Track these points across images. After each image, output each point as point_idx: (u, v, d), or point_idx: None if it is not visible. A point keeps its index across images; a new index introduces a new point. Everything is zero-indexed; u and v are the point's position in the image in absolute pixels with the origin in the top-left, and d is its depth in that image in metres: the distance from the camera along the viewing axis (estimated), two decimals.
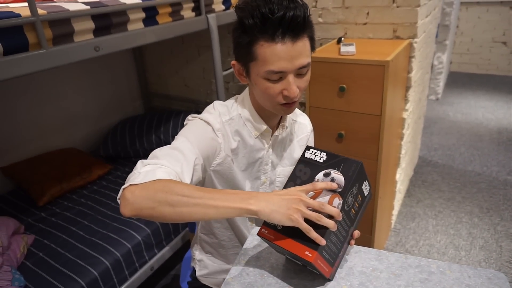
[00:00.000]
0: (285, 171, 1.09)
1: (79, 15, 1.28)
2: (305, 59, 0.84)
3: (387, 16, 1.89)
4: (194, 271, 1.22)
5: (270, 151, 1.03)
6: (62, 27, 1.24)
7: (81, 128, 2.60)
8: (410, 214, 2.49)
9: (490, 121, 3.71)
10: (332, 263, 0.75)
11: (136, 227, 1.80)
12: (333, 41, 2.01)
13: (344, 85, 1.68)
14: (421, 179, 2.86)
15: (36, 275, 1.55)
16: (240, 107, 0.98)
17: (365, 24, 1.97)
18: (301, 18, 0.80)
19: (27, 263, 1.62)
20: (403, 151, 2.19)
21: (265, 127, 0.98)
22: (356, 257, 0.86)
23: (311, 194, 0.74)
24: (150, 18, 1.58)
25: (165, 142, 2.44)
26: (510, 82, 4.72)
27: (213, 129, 0.91)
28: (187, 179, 0.80)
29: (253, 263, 0.86)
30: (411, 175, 2.88)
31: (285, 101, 0.88)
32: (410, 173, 2.82)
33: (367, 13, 1.93)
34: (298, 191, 0.72)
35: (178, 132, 0.91)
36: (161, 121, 2.54)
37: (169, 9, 1.66)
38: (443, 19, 3.95)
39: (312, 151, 0.81)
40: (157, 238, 1.84)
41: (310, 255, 0.69)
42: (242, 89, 1.28)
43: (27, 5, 1.12)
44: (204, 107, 1.00)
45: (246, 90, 1.00)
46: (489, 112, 3.93)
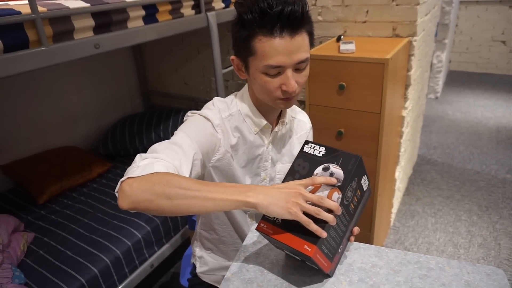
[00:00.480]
0: (284, 167, 1.09)
1: (79, 12, 1.28)
2: (303, 54, 0.84)
3: (386, 14, 1.89)
4: (194, 268, 1.22)
5: (270, 147, 1.03)
6: (62, 24, 1.24)
7: (81, 126, 2.60)
8: (409, 212, 2.49)
9: (489, 120, 3.72)
10: (331, 258, 0.75)
11: (136, 224, 1.81)
12: (332, 39, 2.01)
13: (344, 83, 1.68)
14: (420, 177, 2.87)
15: (36, 272, 1.56)
16: (240, 103, 0.98)
17: (364, 22, 1.97)
18: (299, 13, 0.80)
19: (27, 260, 1.62)
20: (402, 149, 2.19)
21: (264, 122, 0.98)
22: (355, 253, 0.87)
23: (310, 188, 0.74)
24: (150, 16, 1.58)
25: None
26: (509, 81, 4.73)
27: (212, 124, 0.91)
28: (185, 174, 0.80)
29: (253, 259, 0.86)
30: (410, 173, 2.89)
31: (283, 96, 0.88)
32: (409, 171, 2.83)
33: (367, 11, 1.94)
34: (297, 185, 0.72)
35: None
36: (161, 119, 2.54)
37: (169, 7, 1.66)
38: (443, 17, 3.96)
39: (311, 146, 0.81)
40: (157, 235, 1.85)
41: (309, 250, 0.68)
42: (242, 87, 1.29)
43: (27, 3, 1.12)
44: (203, 105, 1.00)
45: (245, 86, 1.00)
46: (488, 110, 3.94)
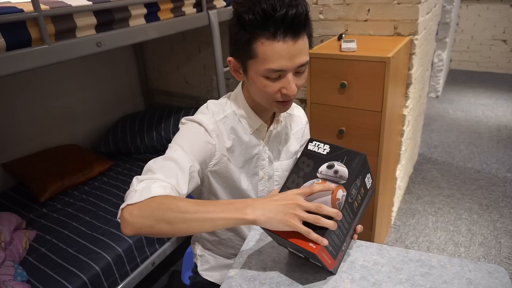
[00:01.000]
0: (282, 165, 1.09)
1: (81, 10, 1.28)
2: (304, 57, 0.84)
3: (387, 13, 1.89)
4: (196, 266, 1.22)
5: (266, 146, 1.03)
6: (64, 22, 1.24)
7: (82, 124, 2.60)
8: (410, 211, 2.50)
9: (489, 119, 3.72)
10: (335, 255, 0.75)
11: None
12: (333, 38, 2.01)
13: (345, 82, 1.68)
14: (420, 176, 2.87)
15: (38, 270, 1.56)
16: (234, 104, 0.98)
17: (366, 20, 1.97)
18: (303, 16, 0.79)
19: (29, 258, 1.63)
20: (403, 148, 2.19)
21: (260, 122, 0.98)
22: (357, 251, 0.87)
23: (313, 182, 0.75)
24: (152, 14, 1.58)
25: (165, 139, 2.45)
26: (510, 80, 4.73)
27: (206, 130, 0.90)
28: (183, 189, 0.80)
29: (256, 257, 0.87)
30: (411, 172, 2.89)
31: (282, 99, 0.87)
32: (410, 170, 2.83)
33: (368, 10, 1.94)
34: (294, 195, 0.71)
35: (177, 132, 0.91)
36: (162, 117, 2.54)
37: (170, 5, 1.66)
38: (444, 16, 3.95)
39: (315, 143, 0.80)
40: None
41: (314, 247, 0.69)
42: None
43: (30, 1, 1.12)
44: (204, 103, 0.99)
45: (239, 86, 1.00)
46: (488, 109, 3.94)
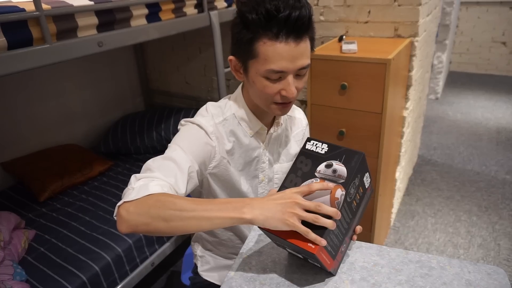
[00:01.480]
0: (282, 167, 1.09)
1: (83, 10, 1.28)
2: (305, 60, 0.84)
3: (388, 15, 1.89)
4: (196, 266, 1.22)
5: (266, 148, 1.03)
6: (66, 22, 1.24)
7: (82, 124, 2.60)
8: (409, 212, 2.50)
9: (489, 121, 3.72)
10: (334, 255, 0.75)
11: None
12: (334, 39, 2.02)
13: (346, 83, 1.68)
14: (420, 177, 2.87)
15: (37, 269, 1.56)
16: (234, 106, 0.97)
17: (366, 22, 1.97)
18: (306, 18, 0.79)
19: (28, 257, 1.63)
20: (403, 150, 2.20)
21: (260, 125, 0.97)
22: (357, 252, 0.88)
23: (311, 181, 0.74)
24: (153, 15, 1.58)
25: (165, 139, 2.45)
26: (509, 82, 4.74)
27: (206, 132, 0.90)
28: (182, 189, 0.79)
29: (256, 258, 0.87)
30: (410, 174, 2.90)
31: (281, 100, 0.87)
32: (409, 171, 2.83)
33: (369, 12, 1.94)
34: (293, 194, 0.70)
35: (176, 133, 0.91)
36: (162, 118, 2.54)
37: (172, 6, 1.67)
38: (443, 18, 3.96)
39: (313, 143, 0.80)
40: None
41: (313, 247, 0.68)
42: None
43: (31, 0, 1.12)
44: (204, 104, 0.99)
45: (239, 88, 1.00)
46: (488, 111, 3.94)
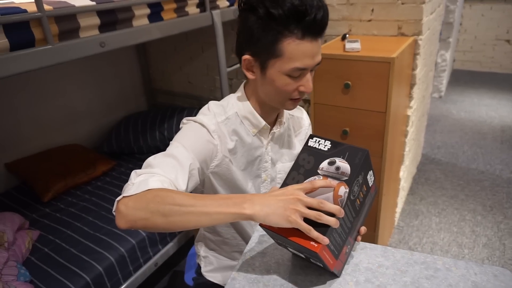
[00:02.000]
0: (285, 167, 1.08)
1: (85, 10, 1.28)
2: (320, 56, 0.88)
3: (392, 13, 1.88)
4: (199, 267, 1.22)
5: (269, 148, 1.03)
6: (68, 22, 1.24)
7: (85, 124, 2.60)
8: (413, 212, 2.49)
9: (493, 119, 3.70)
10: (336, 255, 0.74)
11: None
12: (337, 38, 2.01)
13: (349, 82, 1.67)
14: (424, 177, 2.86)
15: (41, 270, 1.56)
16: (236, 105, 0.97)
17: (369, 21, 1.96)
18: (327, 18, 0.83)
19: (32, 258, 1.63)
20: (407, 149, 2.18)
21: (263, 123, 0.97)
22: (362, 253, 0.87)
23: (314, 178, 0.72)
24: (155, 14, 1.58)
25: (168, 139, 2.44)
26: None
27: (208, 131, 0.89)
28: (182, 186, 0.78)
29: (259, 259, 0.86)
30: (414, 173, 2.88)
31: (299, 96, 0.91)
32: (413, 170, 2.82)
33: (372, 10, 1.93)
34: (295, 190, 0.69)
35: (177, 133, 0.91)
36: (165, 117, 2.54)
37: (174, 5, 1.66)
38: (447, 16, 3.94)
39: (316, 140, 0.78)
40: (161, 234, 1.85)
41: (316, 245, 0.66)
42: None
43: (33, 1, 1.12)
44: (207, 103, 0.99)
45: (241, 87, 0.99)
46: (492, 110, 3.92)
